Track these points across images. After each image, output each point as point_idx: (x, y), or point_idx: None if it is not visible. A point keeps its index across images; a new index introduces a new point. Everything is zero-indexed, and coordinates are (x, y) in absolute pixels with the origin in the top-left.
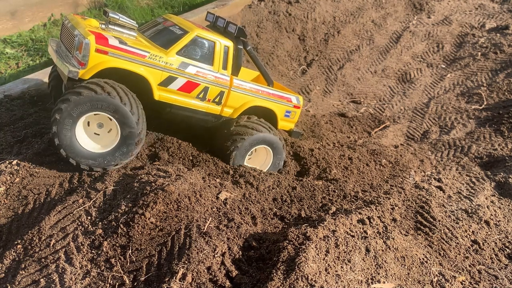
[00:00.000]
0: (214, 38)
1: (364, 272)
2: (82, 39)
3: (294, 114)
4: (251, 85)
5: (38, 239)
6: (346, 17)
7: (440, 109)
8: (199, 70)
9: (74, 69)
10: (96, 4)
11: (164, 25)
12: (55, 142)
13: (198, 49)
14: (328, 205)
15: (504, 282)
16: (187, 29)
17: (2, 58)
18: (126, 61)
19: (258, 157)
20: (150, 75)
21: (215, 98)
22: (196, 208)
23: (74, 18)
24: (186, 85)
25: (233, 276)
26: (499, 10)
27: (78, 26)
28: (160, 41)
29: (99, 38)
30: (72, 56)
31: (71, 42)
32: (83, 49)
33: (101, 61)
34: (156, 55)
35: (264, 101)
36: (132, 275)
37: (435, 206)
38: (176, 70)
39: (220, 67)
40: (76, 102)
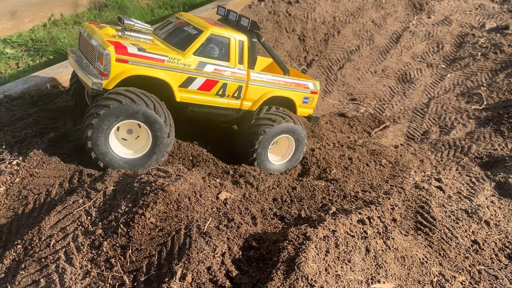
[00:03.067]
0: (228, 34)
1: (364, 272)
2: (102, 50)
3: (312, 100)
4: (268, 77)
5: (38, 239)
6: (346, 17)
7: (440, 109)
8: (216, 67)
9: (98, 80)
10: (96, 4)
11: (178, 25)
12: (92, 156)
13: (214, 47)
14: (328, 205)
15: (504, 282)
16: (201, 28)
17: (2, 58)
18: (146, 68)
19: (279, 147)
20: (170, 78)
21: (234, 93)
22: (196, 208)
23: (90, 27)
24: (205, 83)
25: (233, 276)
26: (499, 10)
27: (96, 36)
28: (176, 42)
29: (118, 48)
30: (93, 67)
31: (90, 52)
32: (104, 60)
33: (122, 70)
34: (174, 58)
35: (282, 90)
36: (132, 275)
37: (435, 206)
38: (194, 70)
39: (236, 62)
40: (105, 116)
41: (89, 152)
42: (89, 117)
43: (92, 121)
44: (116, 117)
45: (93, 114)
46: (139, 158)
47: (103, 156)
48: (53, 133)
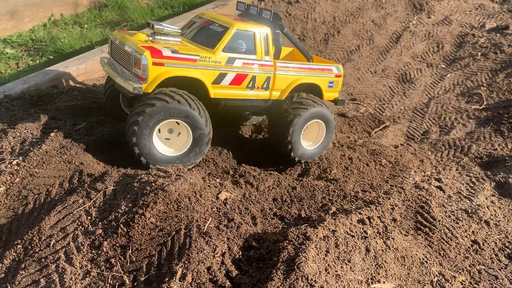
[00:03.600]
0: (252, 28)
1: (364, 272)
2: (139, 55)
3: (337, 84)
4: (293, 65)
5: (38, 239)
6: (346, 17)
7: (440, 109)
8: (245, 61)
9: (138, 85)
10: (96, 4)
11: (203, 24)
12: (135, 152)
13: (241, 42)
14: (328, 205)
15: (504, 282)
16: (227, 25)
17: (2, 58)
18: (181, 68)
19: (310, 133)
20: (204, 76)
21: (263, 85)
22: (196, 208)
23: (120, 34)
24: (236, 78)
25: (233, 276)
26: (499, 10)
27: (129, 42)
28: (204, 41)
29: (154, 52)
30: (131, 73)
31: (126, 59)
32: (142, 65)
33: (159, 73)
34: (205, 57)
35: (308, 77)
36: (132, 275)
37: (435, 206)
38: (225, 66)
39: (262, 54)
40: (151, 113)
41: (132, 148)
42: (135, 116)
43: (138, 118)
44: (160, 116)
45: (138, 113)
46: (179, 156)
47: (146, 153)
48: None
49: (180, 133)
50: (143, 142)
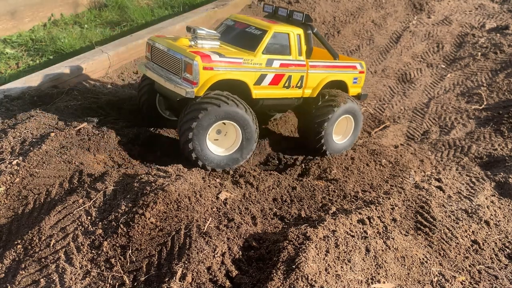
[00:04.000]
0: (287, 29)
1: (364, 272)
2: (190, 61)
3: (360, 79)
4: (323, 63)
5: (38, 239)
6: (346, 17)
7: (440, 109)
8: (282, 62)
9: (190, 89)
10: (96, 4)
11: (239, 28)
12: (192, 157)
13: (277, 44)
14: (328, 205)
15: (504, 282)
16: (264, 27)
17: (2, 58)
18: (228, 72)
19: (339, 128)
20: (247, 78)
21: (297, 83)
22: (196, 208)
23: (161, 39)
24: (274, 78)
25: (233, 276)
26: (499, 10)
27: (176, 48)
28: (243, 44)
29: (204, 57)
30: (180, 78)
31: (173, 64)
32: (193, 70)
33: (209, 76)
34: (248, 59)
35: (336, 74)
36: (132, 275)
37: (435, 206)
38: (265, 68)
39: (296, 54)
40: (204, 118)
41: (188, 153)
42: (189, 121)
43: (192, 124)
44: (212, 119)
45: (192, 118)
46: (230, 155)
47: (202, 156)
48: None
49: (227, 133)
50: (199, 146)
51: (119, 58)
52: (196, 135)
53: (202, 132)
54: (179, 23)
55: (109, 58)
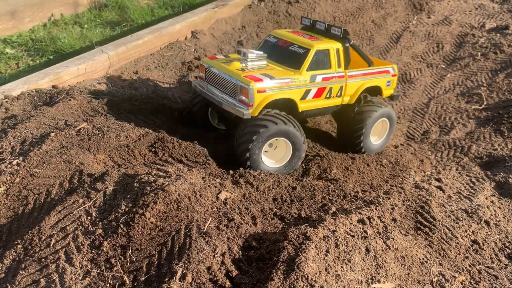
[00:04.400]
0: (327, 46)
1: (364, 272)
2: (246, 86)
3: (393, 82)
4: (359, 72)
5: (38, 239)
6: (346, 17)
7: (440, 109)
8: (323, 76)
9: (247, 111)
10: (96, 4)
11: (283, 45)
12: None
13: (319, 60)
14: (328, 205)
15: (504, 282)
16: (307, 46)
17: (2, 58)
18: (279, 92)
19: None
20: (295, 95)
21: (337, 93)
22: (196, 208)
23: (214, 62)
24: (317, 92)
25: (233, 276)
26: (499, 10)
27: (230, 73)
28: (288, 62)
29: (257, 81)
30: (235, 99)
31: (229, 87)
32: (249, 94)
33: (263, 98)
34: (294, 78)
35: (372, 80)
36: (132, 275)
37: (435, 206)
38: (309, 83)
39: (336, 67)
40: (263, 134)
41: (244, 162)
42: (249, 134)
43: (253, 137)
44: (270, 136)
45: (251, 132)
46: (282, 167)
47: (256, 166)
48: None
49: (277, 147)
50: (255, 158)
51: (119, 58)
52: (254, 148)
53: (260, 145)
54: (179, 23)
55: (109, 58)
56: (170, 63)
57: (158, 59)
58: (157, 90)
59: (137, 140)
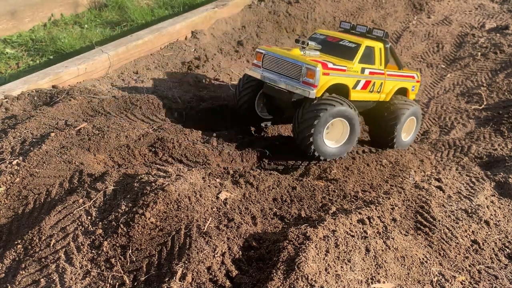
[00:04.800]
0: (374, 44)
1: (364, 272)
2: (313, 68)
3: (416, 88)
4: (395, 73)
5: (38, 239)
6: (346, 17)
7: (440, 109)
8: (370, 70)
9: (312, 91)
10: (96, 4)
11: (332, 41)
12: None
13: (367, 55)
14: (328, 205)
15: (504, 282)
16: (358, 42)
17: (2, 58)
18: (338, 77)
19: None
20: (349, 82)
21: (378, 89)
22: (196, 208)
23: (275, 49)
24: (364, 84)
25: (233, 276)
26: (499, 10)
27: (293, 56)
28: (340, 54)
29: (323, 64)
30: (299, 82)
31: (293, 70)
32: (316, 75)
33: (326, 81)
34: (349, 67)
35: (403, 82)
36: (132, 275)
37: (435, 206)
38: (359, 75)
39: (378, 64)
40: (324, 116)
41: (307, 145)
42: (310, 119)
43: (314, 122)
44: (331, 117)
45: (314, 116)
46: (341, 146)
47: (320, 149)
48: (54, 133)
49: (333, 128)
50: (318, 142)
51: (119, 58)
52: (316, 131)
53: (321, 128)
54: (179, 23)
55: (109, 58)
56: (170, 63)
57: (158, 59)
58: (157, 90)
59: (137, 140)
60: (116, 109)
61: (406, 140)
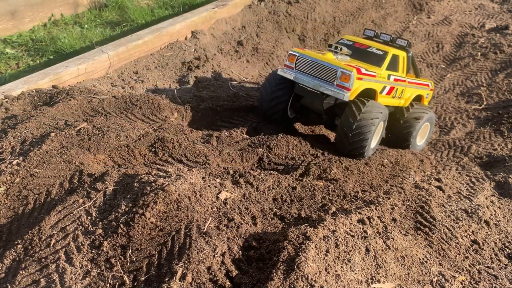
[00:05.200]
0: (399, 53)
1: (364, 272)
2: (349, 72)
3: (430, 95)
4: (414, 80)
5: (38, 239)
6: (346, 17)
7: (440, 109)
8: (395, 77)
9: (347, 94)
10: (96, 4)
11: (360, 47)
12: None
13: (393, 63)
14: (328, 205)
15: (504, 282)
16: (385, 50)
17: (2, 58)
18: (369, 82)
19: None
20: (378, 87)
21: (399, 95)
22: (196, 208)
23: (309, 52)
24: (389, 90)
25: (233, 276)
26: (499, 10)
27: (328, 60)
28: (368, 61)
29: (358, 69)
30: (334, 84)
31: (327, 73)
32: (351, 79)
33: (358, 85)
34: (378, 73)
35: (420, 90)
36: (132, 275)
37: (435, 206)
38: (386, 81)
39: (401, 72)
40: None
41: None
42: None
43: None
44: (382, 121)
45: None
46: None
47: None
48: (54, 133)
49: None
50: (368, 147)
51: (119, 58)
52: (371, 138)
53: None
54: (179, 23)
55: (109, 58)
56: (170, 63)
57: (158, 59)
58: (157, 90)
59: (137, 140)
60: (116, 109)
61: (420, 144)
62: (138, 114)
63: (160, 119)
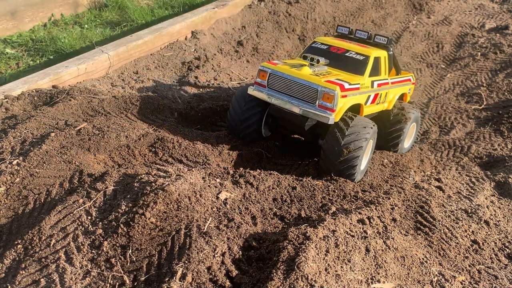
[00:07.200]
0: (380, 54)
1: (364, 272)
2: (331, 91)
3: (412, 90)
4: (397, 79)
5: (38, 239)
6: (346, 17)
7: (440, 109)
8: (378, 83)
9: (332, 116)
10: (96, 4)
11: (337, 52)
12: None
13: (375, 67)
14: (328, 205)
15: (504, 282)
16: (366, 53)
17: (2, 58)
18: (354, 97)
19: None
20: (362, 100)
21: (383, 100)
22: (196, 208)
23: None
24: (374, 98)
25: (233, 276)
26: (499, 10)
27: (305, 77)
28: (348, 68)
29: (341, 86)
30: (315, 105)
31: (306, 93)
32: (334, 99)
33: (344, 103)
34: (361, 84)
35: (403, 88)
36: (132, 275)
37: (435, 206)
38: (370, 89)
39: (383, 74)
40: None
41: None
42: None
43: (359, 153)
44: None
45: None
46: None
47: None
48: (54, 133)
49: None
50: (358, 167)
51: (119, 58)
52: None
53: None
54: (179, 23)
55: (109, 58)
56: (170, 63)
57: (158, 59)
58: (157, 90)
59: (137, 140)
60: (116, 109)
61: (407, 146)
62: (138, 114)
63: (160, 119)
